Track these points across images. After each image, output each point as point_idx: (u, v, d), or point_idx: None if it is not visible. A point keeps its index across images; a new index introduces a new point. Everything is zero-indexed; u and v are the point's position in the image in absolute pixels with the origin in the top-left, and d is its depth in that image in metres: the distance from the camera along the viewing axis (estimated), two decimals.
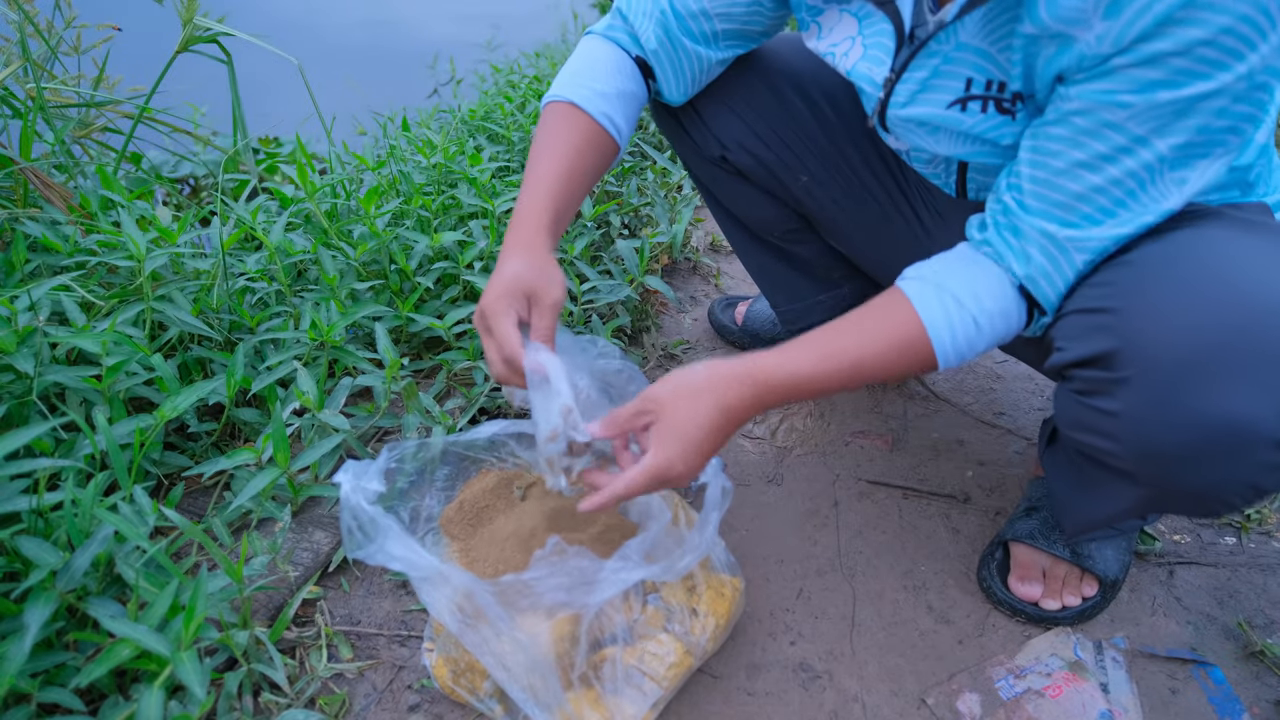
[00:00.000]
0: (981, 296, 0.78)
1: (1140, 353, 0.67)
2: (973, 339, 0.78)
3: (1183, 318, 0.65)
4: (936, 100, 0.83)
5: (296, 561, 1.00)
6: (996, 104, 0.80)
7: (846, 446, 1.31)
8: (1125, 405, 0.69)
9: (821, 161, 1.11)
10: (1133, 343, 0.67)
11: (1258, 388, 0.62)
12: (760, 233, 1.27)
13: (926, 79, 0.83)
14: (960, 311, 0.78)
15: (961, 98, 0.81)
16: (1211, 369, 0.63)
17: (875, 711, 0.92)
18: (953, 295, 0.78)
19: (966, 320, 0.78)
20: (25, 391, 0.93)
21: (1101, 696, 0.92)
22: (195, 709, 0.75)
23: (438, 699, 0.90)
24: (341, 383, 1.11)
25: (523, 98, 2.01)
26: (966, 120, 0.82)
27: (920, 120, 0.85)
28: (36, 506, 0.82)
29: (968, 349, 0.79)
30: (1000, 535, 1.08)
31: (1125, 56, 0.65)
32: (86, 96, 1.59)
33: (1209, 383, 0.63)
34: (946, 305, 0.78)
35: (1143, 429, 0.68)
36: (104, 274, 1.22)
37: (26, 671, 0.75)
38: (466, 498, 0.98)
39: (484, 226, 1.43)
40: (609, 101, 0.97)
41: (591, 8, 4.20)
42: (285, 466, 0.99)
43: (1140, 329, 0.67)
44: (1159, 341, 0.65)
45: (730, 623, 0.92)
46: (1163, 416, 0.67)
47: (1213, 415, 0.64)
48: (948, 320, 0.78)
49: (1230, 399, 0.63)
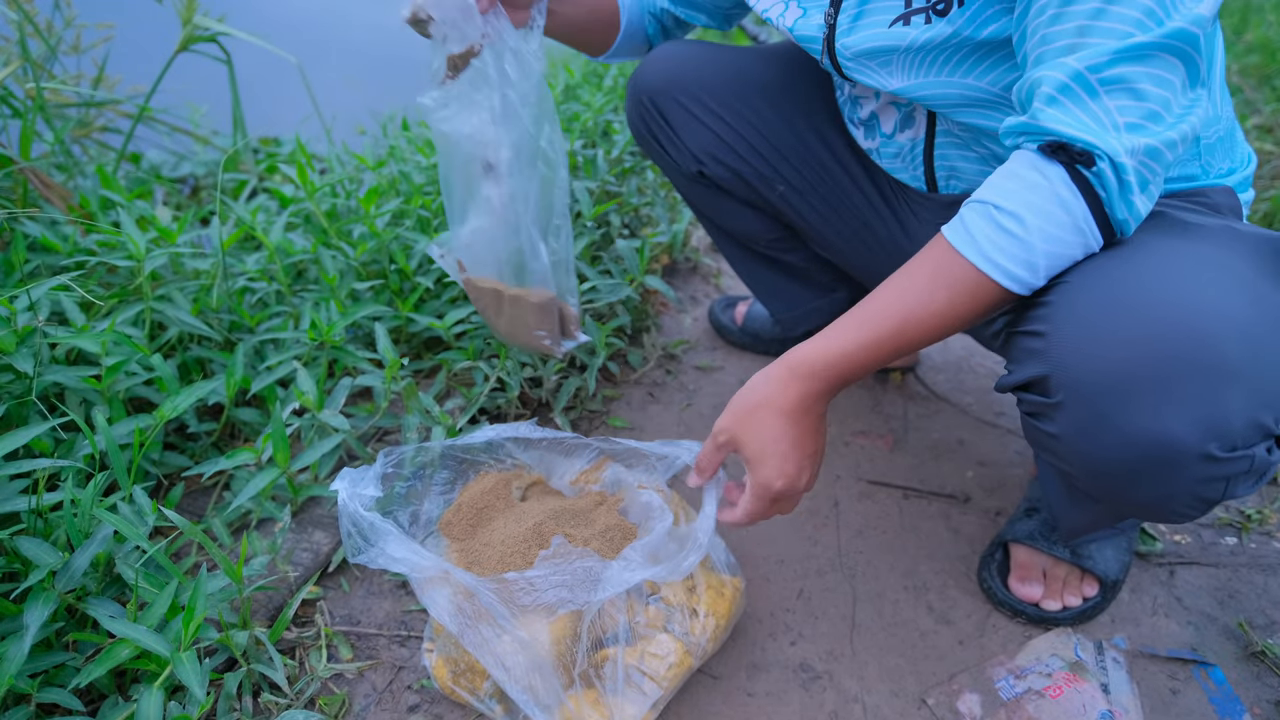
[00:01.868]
0: (999, 184, 0.70)
1: (1069, 378, 0.67)
2: (1009, 231, 0.68)
3: (1104, 343, 0.65)
4: (879, 21, 0.83)
5: (296, 562, 1.00)
6: (933, 11, 0.79)
7: (846, 446, 1.31)
8: (1062, 429, 0.70)
9: (798, 171, 1.12)
10: (1060, 368, 0.68)
11: (1178, 406, 0.63)
12: (749, 243, 1.27)
13: (860, 1, 0.84)
14: (981, 209, 0.71)
15: (903, 13, 0.81)
16: (1133, 391, 0.64)
17: (875, 712, 0.92)
18: (973, 201, 0.72)
19: (986, 214, 0.70)
20: (25, 391, 0.93)
21: (1102, 697, 0.92)
22: (195, 709, 0.75)
23: (437, 699, 0.90)
24: (341, 383, 1.11)
25: None
26: (911, 32, 0.80)
27: (869, 50, 0.85)
28: (36, 506, 0.82)
29: (1014, 246, 0.68)
30: (1000, 536, 1.08)
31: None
32: (86, 96, 1.59)
33: (1132, 404, 0.64)
34: (965, 213, 0.72)
35: (1082, 450, 0.70)
36: (103, 274, 1.22)
37: (26, 672, 0.75)
38: (465, 500, 0.98)
39: None
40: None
41: None
42: (285, 466, 0.99)
43: (1066, 354, 0.67)
44: (1083, 367, 0.66)
45: (730, 623, 0.92)
46: (1095, 439, 0.68)
47: (1139, 436, 0.65)
48: (968, 224, 0.71)
49: (1153, 419, 0.64)
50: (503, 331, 1.10)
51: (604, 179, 1.60)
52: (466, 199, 1.02)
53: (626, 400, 1.40)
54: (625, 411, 1.37)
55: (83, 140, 1.64)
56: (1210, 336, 0.62)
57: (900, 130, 0.98)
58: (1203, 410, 0.62)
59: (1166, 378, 0.63)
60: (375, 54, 3.63)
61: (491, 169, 0.99)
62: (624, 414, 1.36)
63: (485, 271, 1.05)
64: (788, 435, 0.77)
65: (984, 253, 0.69)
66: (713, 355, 1.53)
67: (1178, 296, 0.64)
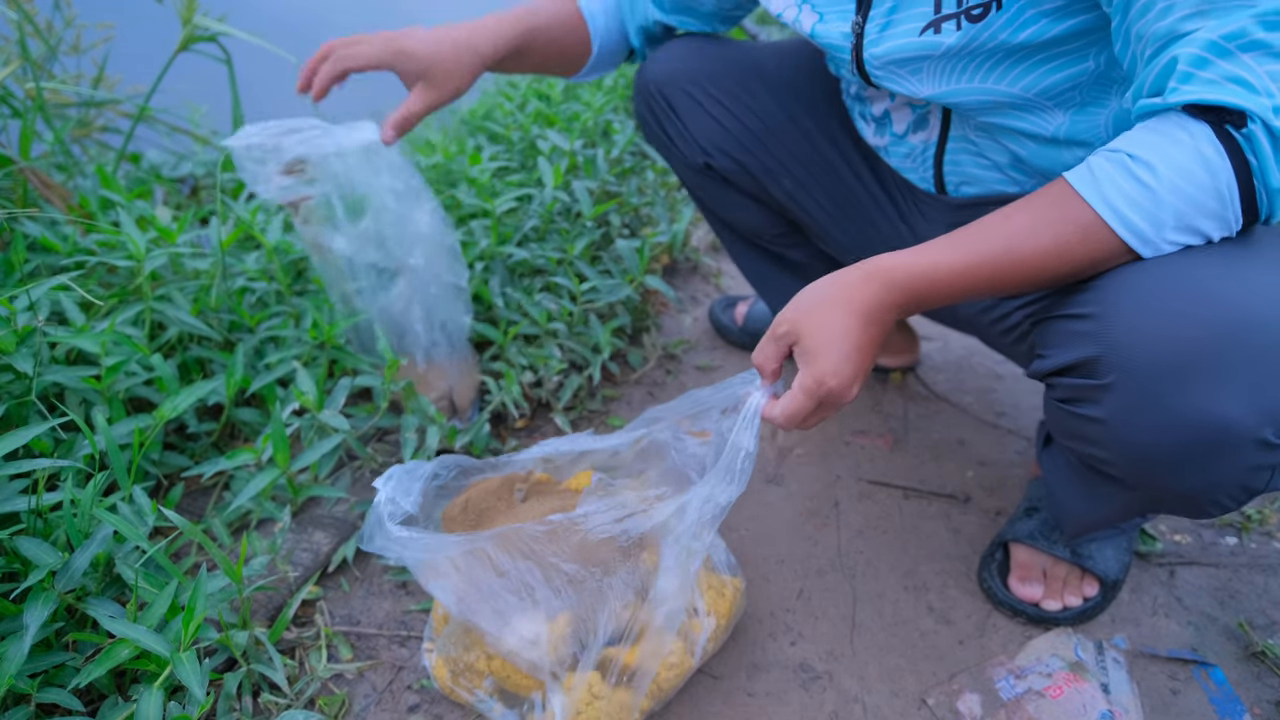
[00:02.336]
0: (1135, 136, 0.65)
1: (1121, 359, 0.66)
2: (1138, 178, 0.64)
3: (1162, 323, 0.64)
4: (908, 30, 0.80)
5: (296, 562, 1.00)
6: (966, 16, 0.76)
7: (847, 446, 1.31)
8: (1109, 412, 0.69)
9: (803, 166, 1.12)
10: (1114, 349, 0.67)
11: (1236, 389, 0.62)
12: (752, 238, 1.27)
13: (892, 8, 0.81)
14: (1111, 155, 0.66)
15: (933, 20, 0.78)
16: (1191, 372, 0.63)
17: (875, 712, 0.92)
18: (1104, 150, 0.67)
19: (1116, 160, 0.65)
20: (24, 391, 0.93)
21: (1102, 697, 0.92)
22: (194, 710, 0.75)
23: (437, 699, 0.90)
24: (341, 383, 1.11)
25: (523, 97, 2.01)
26: (943, 40, 0.78)
27: (898, 58, 0.83)
28: (36, 507, 0.82)
29: (1141, 194, 0.64)
30: (1000, 535, 1.08)
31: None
32: (86, 96, 1.59)
33: (1189, 386, 0.63)
34: (1092, 159, 0.67)
35: (1128, 434, 0.68)
36: (103, 274, 1.22)
37: (25, 672, 0.75)
38: (471, 497, 0.97)
39: (484, 227, 1.42)
40: (596, 1, 1.08)
41: None
42: (285, 467, 0.99)
43: (1121, 335, 0.66)
44: (1139, 346, 0.65)
45: (731, 623, 0.92)
46: (1146, 421, 0.66)
47: (1194, 418, 0.64)
48: (1093, 167, 0.66)
49: (1210, 401, 0.63)
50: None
51: (604, 179, 1.60)
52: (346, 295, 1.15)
53: (627, 400, 1.39)
54: (625, 411, 1.36)
55: (83, 140, 1.64)
56: (1273, 321, 0.61)
57: (913, 132, 0.97)
58: (1262, 395, 0.61)
59: (1226, 360, 0.61)
60: None
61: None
62: (624, 414, 1.36)
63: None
64: (852, 336, 0.71)
65: (1105, 196, 0.65)
66: (713, 355, 1.53)
67: (1238, 281, 0.63)
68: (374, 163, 1.03)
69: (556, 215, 1.54)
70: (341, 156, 1.00)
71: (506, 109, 1.91)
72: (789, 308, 0.75)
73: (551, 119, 1.80)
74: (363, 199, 1.04)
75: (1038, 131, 0.84)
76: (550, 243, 1.48)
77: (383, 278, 1.12)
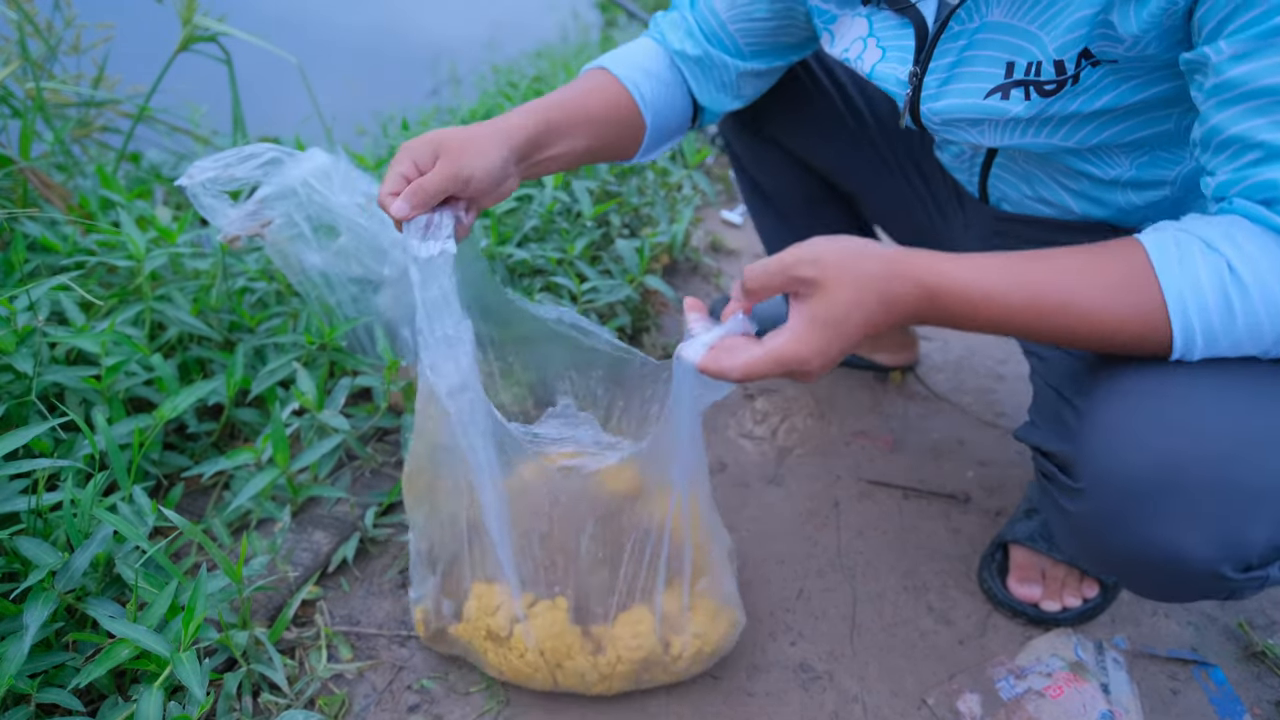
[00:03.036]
0: (1243, 243, 0.59)
1: (1095, 470, 0.66)
2: (1230, 302, 0.58)
3: (1136, 446, 0.63)
4: (972, 90, 0.75)
5: (296, 562, 1.00)
6: (1037, 88, 0.70)
7: (847, 446, 1.31)
8: (1078, 511, 0.69)
9: (852, 146, 1.12)
10: (1090, 459, 0.66)
11: (1200, 526, 0.62)
12: (779, 199, 1.28)
13: (953, 64, 0.76)
14: (1212, 258, 0.59)
15: (1002, 84, 0.72)
16: (1158, 503, 0.62)
17: (876, 712, 0.92)
18: (1202, 236, 0.60)
19: (1216, 267, 0.59)
20: (24, 391, 0.93)
21: (1102, 697, 0.92)
22: (194, 710, 0.75)
23: (437, 699, 0.90)
24: (341, 383, 1.11)
25: (523, 97, 2.01)
26: (1011, 107, 0.72)
27: (959, 116, 0.78)
28: (36, 507, 0.82)
29: (1220, 319, 0.59)
30: (1000, 536, 1.08)
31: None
32: (86, 96, 1.59)
33: (1154, 515, 0.63)
34: (1186, 245, 0.60)
35: (1092, 535, 0.69)
36: (103, 274, 1.22)
37: (25, 672, 0.75)
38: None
39: (484, 227, 1.42)
40: (642, 73, 0.94)
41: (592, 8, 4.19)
42: (285, 467, 0.99)
43: (1097, 446, 0.66)
44: (1112, 465, 0.64)
45: (717, 653, 0.89)
46: (1110, 536, 0.67)
47: (1155, 543, 0.64)
48: (1186, 263, 0.60)
49: (1172, 533, 0.63)
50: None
51: (604, 179, 1.60)
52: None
53: None
54: None
55: (83, 140, 1.63)
56: (1247, 462, 0.60)
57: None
58: (1226, 534, 0.61)
59: (1195, 498, 0.61)
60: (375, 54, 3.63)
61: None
62: None
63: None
64: (867, 326, 0.64)
65: (1185, 307, 0.60)
66: None
67: (1223, 412, 0.61)
68: (329, 183, 1.03)
69: (556, 215, 1.54)
70: (296, 180, 1.00)
71: (506, 109, 1.91)
72: (824, 253, 0.64)
73: None
74: (330, 217, 1.04)
75: (1098, 174, 0.81)
76: (550, 243, 1.48)
77: (365, 290, 1.12)
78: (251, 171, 0.98)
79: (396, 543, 1.07)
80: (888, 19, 0.82)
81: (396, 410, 1.20)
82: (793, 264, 0.64)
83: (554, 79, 2.16)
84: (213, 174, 0.96)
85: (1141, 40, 0.62)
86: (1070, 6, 0.65)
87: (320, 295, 1.11)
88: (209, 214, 0.98)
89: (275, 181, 1.00)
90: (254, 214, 0.99)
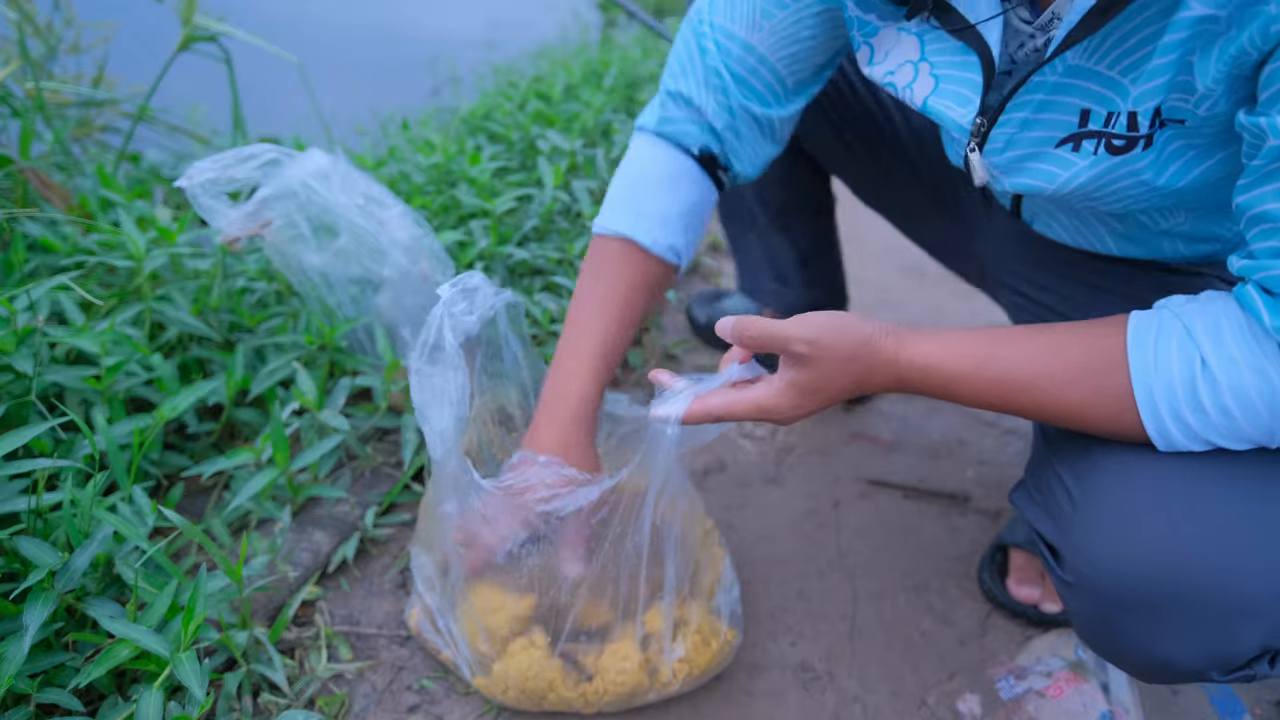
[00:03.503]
0: (1215, 331, 0.58)
1: (1082, 568, 0.65)
2: (1199, 400, 0.58)
3: (1128, 554, 0.62)
4: (1042, 139, 0.68)
5: (296, 562, 1.00)
6: (1107, 143, 0.64)
7: (846, 446, 1.31)
8: (1068, 597, 0.68)
9: (889, 154, 1.07)
10: (1077, 554, 0.65)
11: (1186, 638, 0.61)
12: (755, 204, 1.26)
13: (1027, 119, 0.68)
14: (1186, 346, 0.59)
15: (1075, 134, 0.65)
16: (1145, 614, 0.62)
17: (876, 712, 0.92)
18: (1180, 327, 0.60)
19: (1188, 359, 0.58)
20: (24, 391, 0.93)
21: (1102, 697, 0.92)
22: (194, 710, 0.75)
23: (438, 699, 0.90)
24: (341, 383, 1.11)
25: (523, 97, 2.01)
26: (1079, 162, 0.66)
27: (1022, 163, 0.71)
28: (35, 507, 0.82)
29: (1193, 416, 0.59)
30: (998, 538, 1.08)
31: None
32: (86, 96, 1.59)
33: (1142, 625, 0.62)
34: (1165, 336, 0.60)
35: (1082, 626, 0.69)
36: (103, 274, 1.22)
37: (25, 672, 0.74)
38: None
39: (484, 227, 1.42)
40: (669, 226, 0.87)
41: (592, 8, 4.19)
42: (284, 466, 0.99)
43: (1085, 545, 0.65)
44: (1098, 568, 0.63)
45: (709, 673, 0.89)
46: (1098, 630, 0.66)
47: (1141, 649, 0.63)
48: (1159, 353, 0.60)
49: (1161, 644, 0.62)
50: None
51: (604, 179, 1.60)
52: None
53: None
54: None
55: (83, 140, 1.64)
56: (1244, 575, 0.58)
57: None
58: (1216, 647, 0.60)
59: (1187, 615, 0.60)
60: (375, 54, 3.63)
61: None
62: None
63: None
64: (838, 396, 0.71)
65: (1154, 400, 0.60)
66: (713, 355, 1.53)
67: (1221, 519, 0.59)
68: (328, 183, 1.03)
69: (556, 215, 1.54)
70: (296, 181, 1.00)
71: (506, 109, 1.91)
72: (819, 335, 0.68)
73: (551, 119, 1.80)
74: (329, 218, 1.04)
75: (1149, 224, 0.76)
76: (550, 243, 1.48)
77: (364, 290, 1.13)
78: (250, 173, 0.97)
79: (396, 542, 1.07)
80: (943, 41, 0.71)
81: (396, 410, 1.20)
82: (791, 340, 0.69)
83: (553, 78, 2.16)
84: (211, 175, 0.96)
85: (1213, 94, 0.57)
86: (1155, 51, 0.59)
87: (320, 295, 1.11)
88: (208, 215, 0.98)
89: (275, 182, 1.00)
90: (254, 215, 0.99)
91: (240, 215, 0.99)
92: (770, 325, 0.70)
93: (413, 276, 1.12)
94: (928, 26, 0.72)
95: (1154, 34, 0.58)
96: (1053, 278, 0.92)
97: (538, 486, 0.80)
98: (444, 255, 1.17)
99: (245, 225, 0.99)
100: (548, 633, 0.84)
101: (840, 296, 1.40)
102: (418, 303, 1.14)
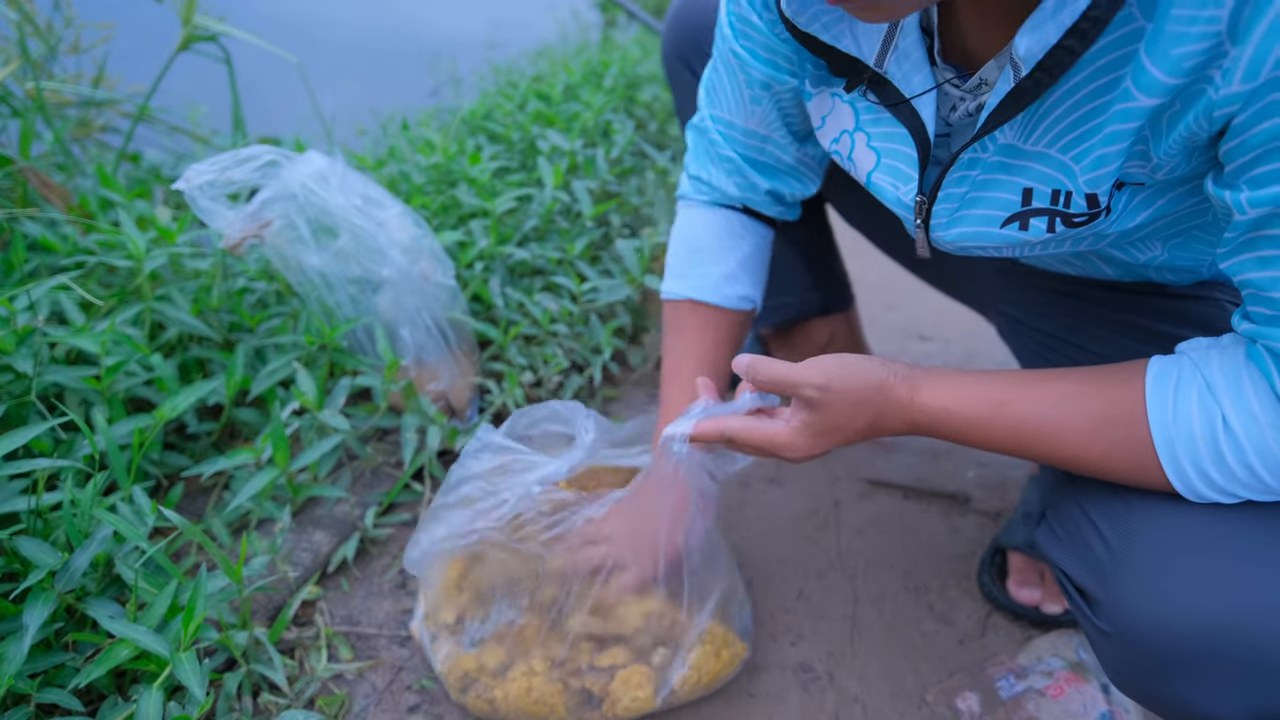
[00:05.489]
0: (1241, 396, 0.57)
1: (1121, 621, 0.63)
2: (1222, 456, 0.57)
3: (1173, 611, 0.60)
4: (987, 218, 0.68)
5: (296, 562, 1.00)
6: (1063, 219, 0.64)
7: (846, 446, 1.31)
8: (1102, 643, 0.66)
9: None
10: (1116, 606, 0.63)
11: (1227, 693, 0.59)
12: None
13: (968, 195, 0.68)
14: (1207, 404, 0.58)
15: (1019, 213, 0.66)
16: (1184, 669, 0.60)
17: (876, 712, 0.92)
18: (1200, 379, 0.59)
19: (1210, 417, 0.58)
20: (24, 391, 0.93)
21: (1102, 697, 0.92)
22: (194, 710, 0.75)
23: (438, 699, 0.90)
24: (341, 383, 1.11)
25: (523, 97, 2.01)
26: (1031, 239, 0.66)
27: (974, 244, 0.71)
28: (35, 507, 0.82)
29: (1216, 471, 0.58)
30: (996, 540, 1.08)
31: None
32: (86, 96, 1.59)
33: (1185, 678, 0.60)
34: (1185, 390, 0.59)
35: (1112, 668, 0.67)
36: (103, 274, 1.22)
37: (25, 672, 0.74)
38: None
39: (484, 226, 1.42)
40: (735, 280, 0.91)
41: (592, 8, 4.19)
42: (284, 466, 0.99)
43: (1125, 597, 0.62)
44: (1139, 622, 0.61)
45: (716, 683, 0.89)
46: (1136, 683, 0.64)
47: (1181, 700, 0.61)
48: (1179, 409, 0.59)
49: (1202, 697, 0.60)
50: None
51: (604, 179, 1.60)
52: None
53: (626, 400, 1.39)
54: (625, 411, 1.36)
55: (83, 140, 1.64)
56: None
57: None
58: (1257, 702, 0.58)
59: (1232, 671, 0.58)
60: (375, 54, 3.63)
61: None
62: (624, 414, 1.36)
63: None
64: (850, 438, 0.72)
65: (1176, 455, 0.59)
66: None
67: (1260, 580, 0.58)
68: (327, 185, 1.03)
69: (556, 215, 1.54)
70: (294, 183, 1.00)
71: (506, 109, 1.91)
72: (831, 380, 0.69)
73: (551, 119, 1.80)
74: (329, 219, 1.04)
75: (1127, 260, 0.77)
76: (550, 243, 1.48)
77: (364, 290, 1.13)
78: (249, 174, 0.97)
79: (396, 542, 1.07)
80: (878, 114, 0.71)
81: (396, 410, 1.20)
82: (802, 384, 0.69)
83: (553, 78, 2.16)
84: (210, 177, 0.96)
85: (1171, 162, 0.57)
86: (1104, 129, 0.57)
87: (320, 296, 1.11)
88: (207, 217, 0.98)
89: (273, 184, 1.00)
90: (254, 216, 0.99)
91: (240, 218, 0.99)
92: (782, 370, 0.71)
93: (412, 276, 1.12)
94: (858, 95, 0.72)
95: (1093, 116, 0.58)
96: (1042, 303, 0.91)
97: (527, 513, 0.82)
98: (444, 255, 1.18)
99: (246, 227, 0.99)
100: (551, 657, 0.84)
101: (846, 295, 1.39)
102: (417, 303, 1.14)
